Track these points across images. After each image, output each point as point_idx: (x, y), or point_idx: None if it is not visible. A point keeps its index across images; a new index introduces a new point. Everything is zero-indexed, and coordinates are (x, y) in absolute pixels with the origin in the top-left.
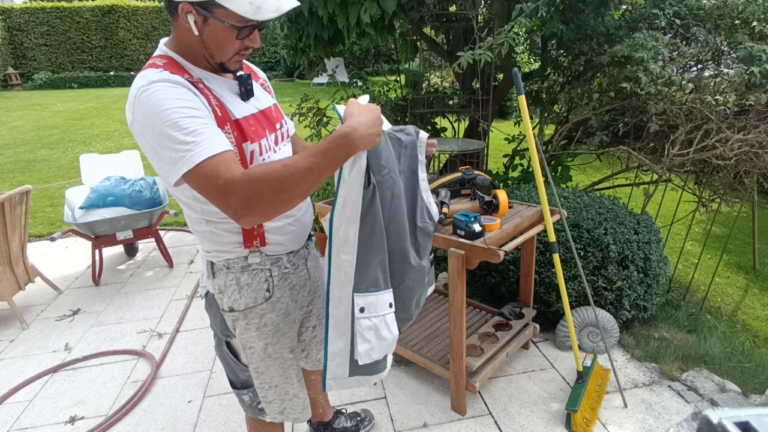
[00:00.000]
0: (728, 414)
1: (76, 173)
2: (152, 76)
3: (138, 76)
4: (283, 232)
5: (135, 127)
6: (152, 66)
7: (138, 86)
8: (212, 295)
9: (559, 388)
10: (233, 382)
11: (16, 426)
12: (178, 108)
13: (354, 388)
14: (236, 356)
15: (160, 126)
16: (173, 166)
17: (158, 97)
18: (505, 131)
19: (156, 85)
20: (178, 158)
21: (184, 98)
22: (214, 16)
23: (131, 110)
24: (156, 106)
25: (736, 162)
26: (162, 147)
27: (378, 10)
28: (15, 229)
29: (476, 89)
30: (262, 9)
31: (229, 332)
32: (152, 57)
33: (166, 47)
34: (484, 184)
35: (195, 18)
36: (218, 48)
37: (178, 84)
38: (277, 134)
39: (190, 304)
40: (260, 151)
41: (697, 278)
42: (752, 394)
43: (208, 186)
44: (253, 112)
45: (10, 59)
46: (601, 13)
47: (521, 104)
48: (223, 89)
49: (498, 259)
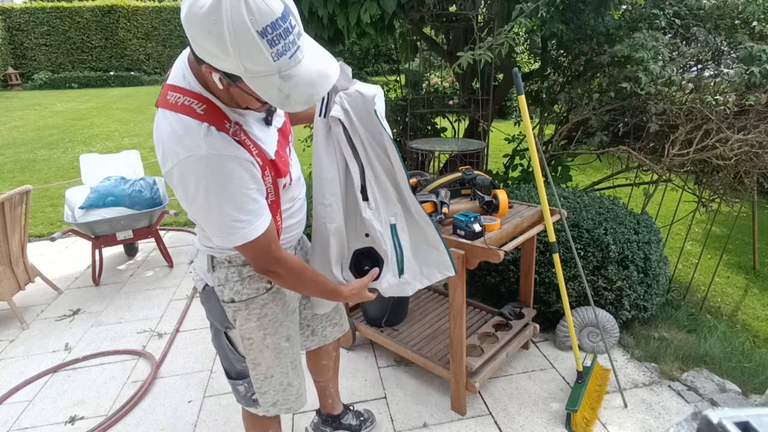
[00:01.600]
0: (728, 414)
1: (76, 173)
2: (202, 141)
3: (175, 119)
4: (289, 231)
5: (176, 183)
6: (191, 113)
7: (187, 148)
8: (211, 288)
9: (559, 388)
10: (229, 373)
11: (16, 426)
12: (241, 196)
13: (354, 386)
14: (234, 347)
15: (217, 206)
16: (218, 237)
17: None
18: (505, 131)
19: (217, 163)
20: (230, 233)
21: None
22: (240, 87)
23: (171, 163)
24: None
25: (736, 162)
26: (211, 219)
27: (378, 10)
28: (15, 229)
29: (476, 89)
30: (291, 99)
31: (228, 323)
32: (182, 90)
33: (198, 82)
34: (484, 184)
35: (220, 77)
36: (244, 101)
37: (237, 162)
38: (290, 146)
39: (190, 304)
40: (290, 181)
41: (697, 278)
42: (752, 394)
43: (258, 256)
44: (276, 137)
45: (10, 59)
46: (601, 13)
47: (521, 104)
48: (254, 123)
49: (498, 259)
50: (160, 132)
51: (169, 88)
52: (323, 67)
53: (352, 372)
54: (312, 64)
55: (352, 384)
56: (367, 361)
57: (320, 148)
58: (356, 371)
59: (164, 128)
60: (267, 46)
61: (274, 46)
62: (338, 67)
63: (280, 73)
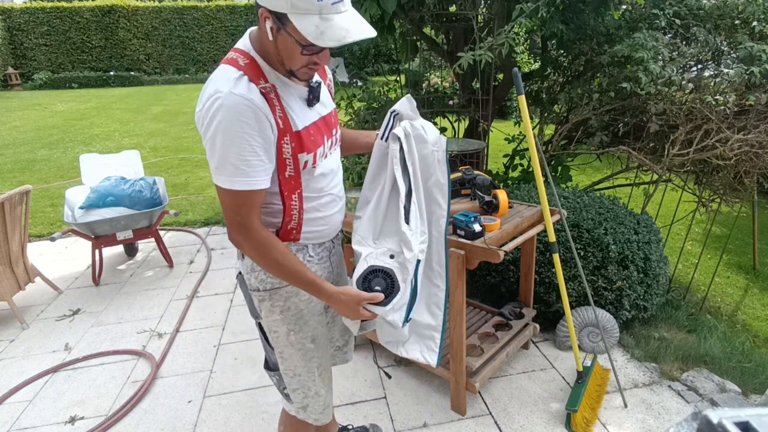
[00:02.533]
0: (728, 414)
1: (76, 173)
2: (232, 83)
3: (221, 68)
4: (312, 225)
5: (199, 116)
6: (234, 64)
7: (216, 88)
8: (242, 275)
9: (559, 388)
10: (267, 361)
11: (16, 426)
12: (242, 140)
13: (354, 386)
14: (266, 337)
15: (220, 141)
16: (214, 172)
17: (229, 119)
18: (505, 131)
19: (233, 99)
20: (221, 171)
21: (251, 131)
22: (285, 29)
23: (203, 101)
24: (223, 123)
25: (736, 162)
26: (214, 153)
27: (378, 10)
28: (15, 229)
29: (476, 89)
30: (324, 35)
31: (256, 313)
32: (236, 49)
33: (252, 44)
34: (484, 184)
35: (271, 24)
36: (288, 57)
37: (250, 107)
38: (333, 139)
39: (190, 304)
40: (314, 161)
41: (697, 278)
42: (752, 394)
43: (226, 210)
44: (314, 119)
45: (10, 59)
46: (601, 13)
47: (521, 104)
48: (293, 96)
49: (498, 259)
50: (209, 78)
51: (231, 51)
52: (360, 25)
53: (352, 372)
54: (350, 21)
55: (352, 384)
56: (367, 361)
57: (372, 168)
58: (356, 371)
59: (211, 75)
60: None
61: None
62: (374, 33)
63: (321, 14)
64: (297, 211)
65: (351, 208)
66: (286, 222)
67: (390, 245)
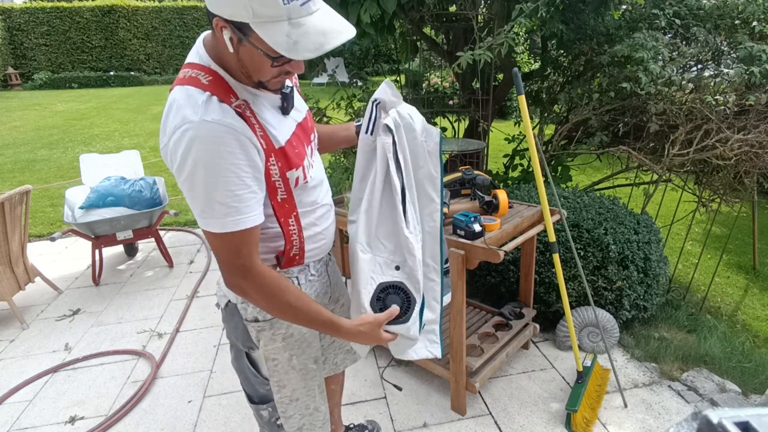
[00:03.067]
0: (728, 414)
1: (76, 173)
2: (201, 108)
3: (180, 91)
4: (313, 242)
5: (166, 152)
6: (196, 83)
7: (183, 117)
8: (233, 304)
9: (559, 388)
10: (251, 397)
11: (16, 426)
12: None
13: (354, 386)
14: (257, 369)
15: (202, 179)
16: (200, 217)
17: (208, 153)
18: (505, 131)
19: (207, 128)
20: (210, 214)
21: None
22: (248, 40)
23: (168, 133)
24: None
25: (736, 162)
26: (196, 195)
27: (378, 10)
28: (15, 229)
29: (476, 89)
30: (299, 45)
31: (251, 344)
32: (193, 64)
33: (209, 56)
34: (484, 184)
35: (231, 35)
36: (255, 70)
37: (230, 133)
38: (312, 146)
39: (190, 304)
40: (304, 176)
41: (697, 278)
42: (752, 394)
43: (221, 255)
44: (293, 129)
45: (10, 59)
46: (601, 13)
47: (521, 104)
48: (266, 108)
49: (498, 259)
50: (165, 106)
51: (184, 66)
52: (337, 25)
53: (352, 372)
54: (325, 20)
55: (352, 384)
56: (367, 361)
57: (360, 166)
58: (356, 371)
59: (168, 103)
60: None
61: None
62: (353, 30)
63: (290, 19)
64: (297, 235)
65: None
66: (288, 249)
67: (387, 250)
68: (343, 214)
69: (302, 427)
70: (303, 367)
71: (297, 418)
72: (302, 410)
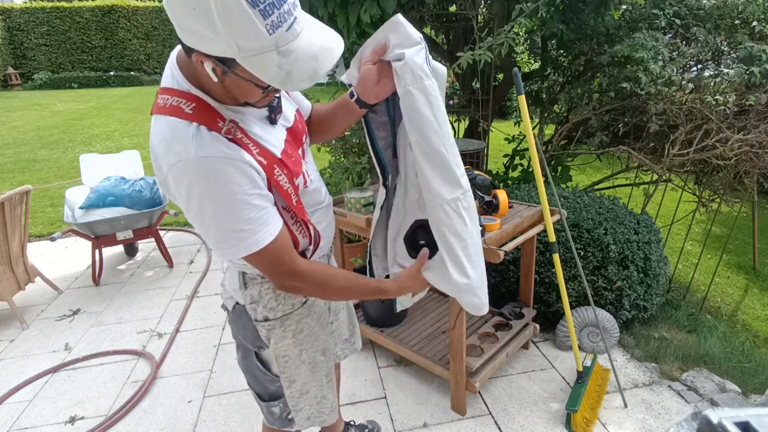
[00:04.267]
0: (728, 414)
1: (76, 173)
2: (192, 144)
3: (164, 123)
4: (324, 237)
5: (172, 190)
6: (179, 114)
7: (176, 153)
8: (242, 306)
9: (559, 388)
10: (261, 395)
11: (16, 426)
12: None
13: (354, 386)
14: (267, 367)
15: (210, 212)
16: (219, 246)
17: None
18: (505, 131)
19: (204, 164)
20: (229, 242)
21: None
22: (235, 73)
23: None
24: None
25: (736, 162)
26: (208, 227)
27: (378, 10)
28: (15, 229)
29: (476, 89)
30: (292, 76)
31: (261, 343)
32: (171, 90)
33: (187, 80)
34: (484, 184)
35: (213, 67)
36: (242, 95)
37: (228, 163)
38: (304, 148)
39: (190, 304)
40: (305, 182)
41: (697, 278)
42: (752, 394)
43: (271, 269)
44: (284, 136)
45: (10, 59)
46: (601, 13)
47: (521, 104)
48: (253, 122)
49: (498, 259)
50: (151, 139)
51: (161, 91)
52: (325, 41)
53: (352, 372)
54: (313, 38)
55: (352, 384)
56: (367, 361)
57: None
58: (356, 371)
59: (154, 134)
60: (260, 18)
61: (267, 17)
62: (341, 41)
63: (278, 48)
64: (313, 229)
65: (351, 208)
66: (315, 243)
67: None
68: (343, 215)
69: (311, 416)
70: (312, 360)
71: (307, 409)
72: (311, 400)
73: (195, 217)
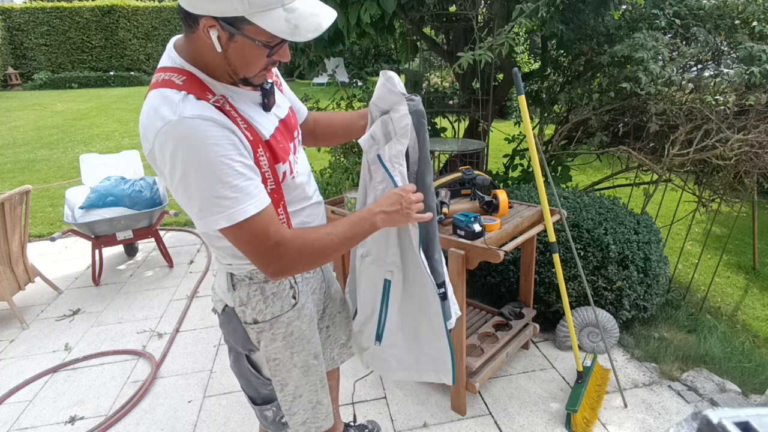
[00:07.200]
0: (728, 414)
1: (76, 173)
2: (178, 107)
3: (154, 95)
4: None
5: (158, 159)
6: (169, 85)
7: (162, 118)
8: (231, 308)
9: (559, 388)
10: (253, 399)
11: (16, 426)
12: (222, 165)
13: (353, 389)
14: (258, 370)
15: (195, 177)
16: (199, 218)
17: (195, 148)
18: (505, 131)
19: (189, 124)
20: (212, 210)
21: (226, 151)
22: (243, 33)
23: (151, 139)
24: (191, 155)
25: (736, 162)
26: (191, 195)
27: (378, 10)
28: (15, 229)
29: (476, 89)
30: (300, 28)
31: (251, 346)
32: (165, 68)
33: (181, 57)
34: (484, 184)
35: (219, 33)
36: (243, 65)
37: (214, 125)
38: (295, 143)
39: (190, 304)
40: (290, 170)
41: (697, 278)
42: (752, 394)
43: (255, 244)
44: (276, 124)
45: (10, 59)
46: (601, 13)
47: (521, 104)
48: (247, 104)
49: (498, 259)
50: (141, 114)
51: (157, 71)
52: (319, 7)
53: (352, 372)
54: (309, 3)
55: (351, 384)
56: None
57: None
58: (356, 371)
59: (144, 108)
60: None
61: None
62: (333, 11)
63: (284, 5)
64: (286, 224)
65: (351, 208)
66: None
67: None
68: (343, 215)
69: (306, 421)
70: (304, 363)
71: (301, 414)
72: (305, 405)
73: (179, 182)
